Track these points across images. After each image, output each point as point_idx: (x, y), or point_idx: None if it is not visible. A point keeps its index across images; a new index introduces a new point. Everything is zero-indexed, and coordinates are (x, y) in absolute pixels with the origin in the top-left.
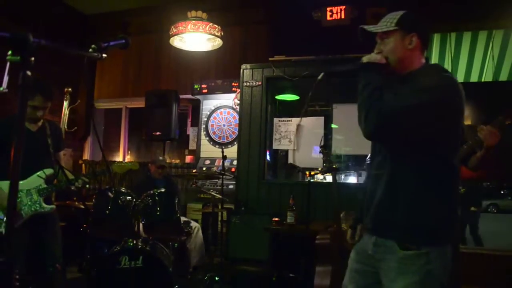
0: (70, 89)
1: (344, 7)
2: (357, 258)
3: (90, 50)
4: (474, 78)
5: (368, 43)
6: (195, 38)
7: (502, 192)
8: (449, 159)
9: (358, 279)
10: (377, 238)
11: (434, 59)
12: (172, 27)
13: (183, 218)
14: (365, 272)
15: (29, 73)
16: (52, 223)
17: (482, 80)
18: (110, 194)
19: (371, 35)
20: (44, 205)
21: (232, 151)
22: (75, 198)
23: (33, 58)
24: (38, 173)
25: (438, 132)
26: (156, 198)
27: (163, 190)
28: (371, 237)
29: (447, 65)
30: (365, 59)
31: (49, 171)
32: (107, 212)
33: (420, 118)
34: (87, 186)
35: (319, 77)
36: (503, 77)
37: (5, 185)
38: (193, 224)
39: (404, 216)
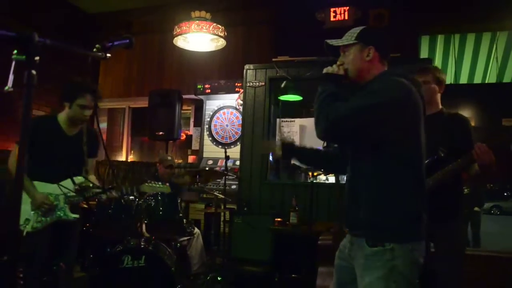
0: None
1: (347, 8)
2: (339, 255)
3: (94, 49)
4: (477, 79)
5: None
6: (199, 38)
7: (505, 194)
8: (408, 158)
9: (340, 275)
10: (351, 236)
11: (438, 61)
12: (176, 27)
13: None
14: (345, 268)
15: (34, 72)
16: (74, 230)
17: (486, 82)
18: (113, 193)
19: (335, 48)
20: (69, 213)
21: (235, 152)
22: None
23: (38, 58)
24: (69, 179)
25: (391, 131)
26: (159, 198)
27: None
28: (348, 236)
29: (451, 67)
30: (324, 70)
31: (79, 179)
32: (110, 211)
33: (366, 119)
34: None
35: (282, 85)
36: (507, 78)
37: (40, 185)
38: (194, 229)
39: (367, 215)
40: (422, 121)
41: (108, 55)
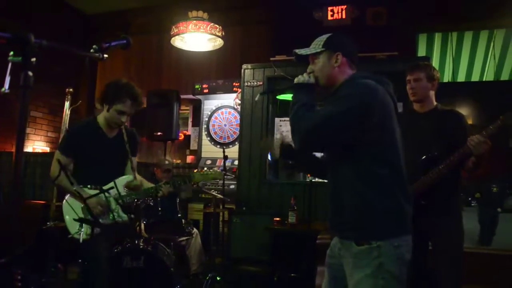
0: (71, 90)
1: (345, 7)
2: (330, 253)
3: (92, 50)
4: (475, 77)
5: (369, 41)
6: (196, 38)
7: (507, 191)
8: (384, 155)
9: (331, 272)
10: (339, 238)
11: (436, 59)
12: (173, 27)
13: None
14: (336, 266)
15: (30, 73)
16: (129, 231)
17: (484, 80)
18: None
19: (305, 57)
20: (122, 214)
21: (233, 151)
22: None
23: (34, 59)
24: (116, 180)
25: (363, 133)
26: (158, 198)
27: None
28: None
29: (449, 64)
30: (295, 80)
31: (128, 178)
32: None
33: (337, 125)
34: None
35: (256, 98)
36: (505, 76)
37: (89, 190)
38: (193, 230)
39: (350, 217)
40: (394, 117)
41: (105, 55)
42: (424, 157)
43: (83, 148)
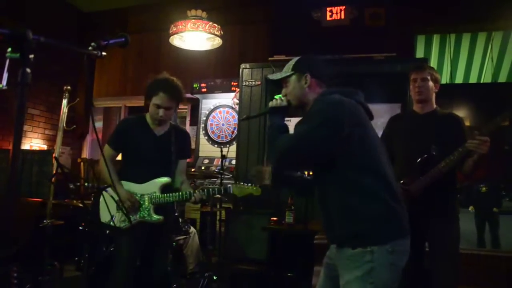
0: (69, 87)
1: (343, 7)
2: (329, 254)
3: (90, 48)
4: (473, 79)
5: (367, 42)
6: (195, 37)
7: (502, 193)
8: (364, 163)
9: (326, 272)
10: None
11: (434, 60)
12: (172, 26)
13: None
14: (332, 266)
15: (28, 70)
16: (162, 233)
17: (481, 81)
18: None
19: (278, 81)
20: (153, 214)
21: (231, 151)
22: (73, 196)
23: (32, 56)
24: (155, 179)
25: (336, 146)
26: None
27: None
28: None
29: (447, 66)
30: (269, 104)
31: (166, 179)
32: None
33: (308, 143)
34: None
35: (240, 119)
36: (502, 78)
37: (127, 185)
38: (190, 229)
39: (341, 228)
40: (368, 124)
41: (104, 53)
42: (422, 157)
43: (130, 143)
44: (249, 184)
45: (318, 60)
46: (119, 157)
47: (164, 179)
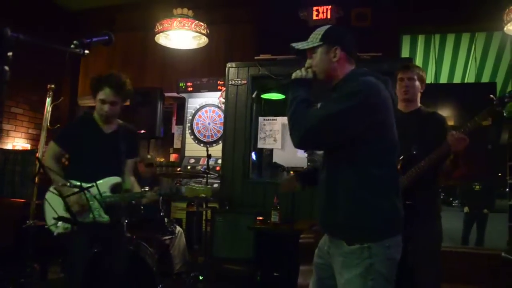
0: (53, 86)
1: (330, 7)
2: (318, 253)
3: (72, 46)
4: (457, 79)
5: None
6: (181, 35)
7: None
8: (383, 157)
9: (318, 272)
10: (329, 237)
11: (419, 60)
12: (158, 24)
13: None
14: (324, 265)
15: (6, 68)
16: (115, 232)
17: (465, 81)
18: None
19: (303, 51)
20: (103, 214)
21: (217, 150)
22: None
23: (11, 53)
24: (105, 179)
25: (364, 133)
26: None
27: (147, 189)
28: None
29: (431, 66)
30: (293, 75)
31: (116, 179)
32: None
33: (339, 124)
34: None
35: (253, 95)
36: (485, 78)
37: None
38: (176, 228)
39: (345, 218)
40: (393, 117)
41: (87, 51)
42: (403, 156)
43: (77, 141)
44: (201, 186)
45: (349, 33)
46: None
47: (114, 179)
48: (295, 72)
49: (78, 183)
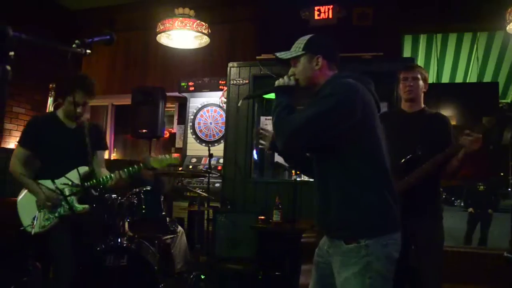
0: (55, 85)
1: (331, 6)
2: (318, 252)
3: (74, 45)
4: (459, 78)
5: (355, 41)
6: (182, 35)
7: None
8: (369, 153)
9: (318, 271)
10: (328, 237)
11: (420, 60)
12: (159, 24)
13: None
14: (323, 264)
15: (8, 68)
16: (91, 222)
17: (467, 81)
18: (93, 192)
19: (286, 60)
20: (76, 204)
21: (218, 150)
22: None
23: (13, 53)
24: (73, 171)
25: (346, 132)
26: (142, 196)
27: (148, 188)
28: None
29: (433, 66)
30: (276, 82)
31: (83, 169)
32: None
33: (319, 126)
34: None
35: (239, 104)
36: (487, 78)
37: (46, 182)
38: (178, 228)
39: (338, 216)
40: (376, 115)
41: (88, 51)
42: (408, 157)
43: (42, 140)
44: (167, 155)
45: (330, 41)
46: None
47: (83, 168)
48: (278, 80)
49: (49, 181)
